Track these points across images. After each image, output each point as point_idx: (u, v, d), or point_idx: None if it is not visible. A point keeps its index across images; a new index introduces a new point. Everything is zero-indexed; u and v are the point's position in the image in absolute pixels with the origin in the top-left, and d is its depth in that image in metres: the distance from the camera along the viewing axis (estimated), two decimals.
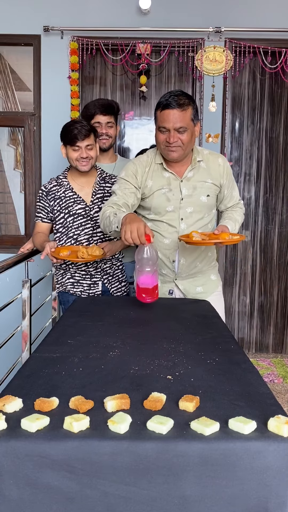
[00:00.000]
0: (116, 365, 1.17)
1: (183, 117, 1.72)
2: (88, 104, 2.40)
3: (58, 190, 2.14)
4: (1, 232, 3.54)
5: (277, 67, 3.19)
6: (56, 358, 1.21)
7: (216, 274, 2.06)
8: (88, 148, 2.06)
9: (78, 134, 2.03)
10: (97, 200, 2.14)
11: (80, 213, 2.12)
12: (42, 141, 3.28)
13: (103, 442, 0.82)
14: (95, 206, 2.13)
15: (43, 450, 0.81)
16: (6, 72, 3.37)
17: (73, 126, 2.06)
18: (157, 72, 3.30)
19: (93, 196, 2.14)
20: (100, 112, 2.34)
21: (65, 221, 2.12)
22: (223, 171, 1.89)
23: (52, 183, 2.18)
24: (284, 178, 3.40)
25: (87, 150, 2.06)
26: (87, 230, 2.13)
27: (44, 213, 2.17)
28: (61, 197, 2.13)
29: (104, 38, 3.13)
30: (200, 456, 0.81)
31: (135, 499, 0.82)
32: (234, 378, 1.09)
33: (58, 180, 2.18)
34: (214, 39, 3.14)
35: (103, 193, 2.16)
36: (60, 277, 2.20)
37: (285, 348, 3.52)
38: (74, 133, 2.03)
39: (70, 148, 2.08)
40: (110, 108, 2.36)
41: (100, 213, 1.81)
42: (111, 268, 2.21)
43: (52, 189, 2.16)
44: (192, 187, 1.84)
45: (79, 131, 2.03)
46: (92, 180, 2.17)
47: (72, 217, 2.11)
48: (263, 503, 0.83)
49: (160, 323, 1.55)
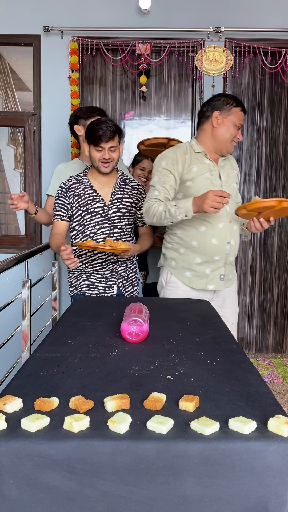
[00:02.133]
0: (116, 365, 1.17)
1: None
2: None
3: (77, 187, 2.12)
4: (1, 232, 3.54)
5: (277, 67, 3.19)
6: (56, 358, 1.21)
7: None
8: (112, 149, 2.03)
9: (103, 135, 1.99)
10: (116, 201, 2.13)
11: (98, 212, 2.10)
12: (42, 141, 3.28)
13: (103, 442, 0.82)
14: (114, 206, 2.12)
15: (43, 450, 0.81)
16: (6, 72, 3.37)
17: (98, 126, 2.01)
18: (157, 72, 3.30)
19: (112, 196, 2.13)
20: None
21: (82, 218, 2.10)
22: (237, 167, 2.19)
23: (72, 180, 2.15)
24: (284, 178, 3.40)
25: (110, 151, 2.03)
26: (103, 230, 2.10)
27: (63, 210, 2.13)
28: (80, 194, 2.11)
29: (104, 38, 3.13)
30: (200, 456, 0.81)
31: (135, 499, 0.82)
32: (234, 378, 1.09)
33: (78, 177, 2.16)
34: (214, 39, 3.14)
35: (122, 195, 2.15)
36: (75, 279, 2.19)
37: (285, 348, 3.52)
38: (99, 134, 1.99)
39: (94, 148, 2.04)
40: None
41: (145, 208, 1.93)
42: (125, 271, 2.20)
43: (72, 186, 2.12)
44: (226, 175, 2.07)
45: (104, 132, 1.99)
46: (113, 180, 2.16)
47: (90, 215, 2.09)
48: (263, 503, 0.83)
49: (160, 323, 1.54)
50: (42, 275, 2.97)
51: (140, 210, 2.19)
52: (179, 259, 2.07)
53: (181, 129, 3.33)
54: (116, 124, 2.06)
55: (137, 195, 2.20)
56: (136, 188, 2.21)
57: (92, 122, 2.08)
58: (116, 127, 2.04)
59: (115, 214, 2.11)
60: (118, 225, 2.12)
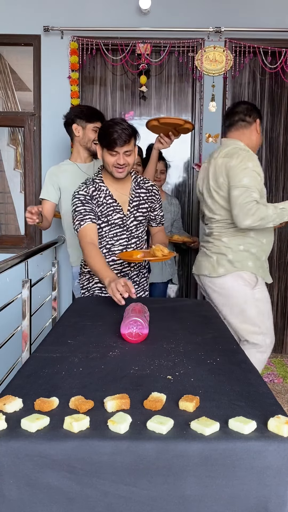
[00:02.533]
0: (116, 365, 1.17)
1: None
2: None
3: (99, 195, 1.96)
4: (1, 232, 3.54)
5: (277, 67, 3.19)
6: (56, 358, 1.21)
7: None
8: (127, 154, 1.88)
9: (118, 139, 1.83)
10: (133, 209, 2.01)
11: (117, 223, 1.98)
12: (42, 141, 3.27)
13: (103, 442, 0.82)
14: (131, 215, 2.00)
15: (43, 450, 0.81)
16: (6, 72, 3.37)
17: (113, 128, 1.84)
18: (157, 72, 3.30)
19: (130, 205, 2.01)
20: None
21: (101, 230, 1.98)
22: None
23: (90, 188, 1.96)
24: (284, 178, 3.40)
25: (125, 156, 1.88)
26: (122, 241, 2.00)
27: (93, 214, 1.94)
28: (103, 203, 1.96)
29: (104, 38, 3.13)
30: (200, 456, 0.81)
31: (135, 499, 0.82)
32: (234, 378, 1.09)
33: (95, 184, 1.98)
34: (214, 39, 3.14)
35: (139, 201, 2.03)
36: (86, 281, 2.12)
37: (285, 348, 3.52)
38: (113, 137, 1.83)
39: (107, 152, 1.88)
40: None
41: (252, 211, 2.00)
42: (138, 277, 2.13)
43: (94, 194, 1.96)
44: None
45: (119, 135, 1.83)
46: (128, 185, 2.02)
47: (109, 227, 1.97)
48: (263, 503, 0.83)
49: (160, 323, 1.54)
50: (42, 275, 2.97)
51: (154, 212, 2.09)
52: (254, 259, 2.19)
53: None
54: (132, 126, 1.90)
55: (152, 197, 2.07)
56: (150, 190, 2.07)
57: (106, 123, 1.93)
58: (132, 130, 1.88)
59: (133, 223, 2.01)
60: (135, 234, 2.03)
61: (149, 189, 2.07)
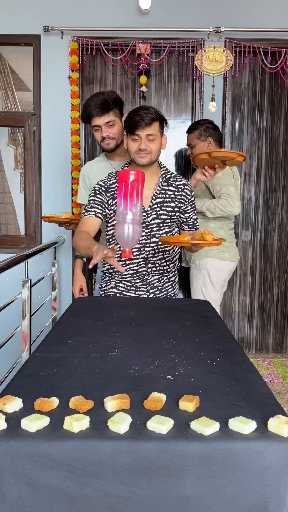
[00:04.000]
0: (116, 365, 1.17)
1: None
2: (85, 104, 2.17)
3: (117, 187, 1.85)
4: (1, 232, 3.54)
5: (277, 67, 3.19)
6: (56, 358, 1.21)
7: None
8: (150, 139, 1.77)
9: (139, 121, 1.73)
10: (156, 206, 1.89)
11: None
12: (42, 141, 3.28)
13: (103, 442, 0.82)
14: (153, 212, 1.89)
15: (43, 450, 0.81)
16: (6, 72, 3.37)
17: (137, 112, 1.76)
18: (157, 72, 3.30)
19: (152, 201, 1.89)
20: (95, 114, 2.09)
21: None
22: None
23: (111, 179, 1.90)
24: (284, 178, 3.40)
25: (147, 141, 1.77)
26: (140, 239, 1.87)
27: (100, 208, 1.87)
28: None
29: (104, 38, 3.13)
30: (200, 456, 0.81)
31: (135, 499, 0.82)
32: (234, 378, 1.09)
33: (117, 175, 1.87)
34: (214, 39, 3.14)
35: (164, 198, 1.91)
36: (104, 283, 2.05)
37: (285, 348, 3.52)
38: (134, 120, 1.74)
39: (130, 138, 1.80)
40: (105, 105, 2.09)
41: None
42: (159, 281, 1.99)
43: (112, 186, 1.88)
44: None
45: (142, 117, 1.73)
46: (155, 179, 1.91)
47: None
48: (263, 503, 0.83)
49: (160, 323, 1.54)
50: (42, 275, 2.97)
51: (186, 214, 1.97)
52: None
53: (181, 129, 3.33)
54: (157, 111, 1.80)
55: (182, 197, 1.94)
56: (181, 189, 1.94)
57: (133, 109, 1.83)
58: (157, 114, 1.78)
59: (154, 221, 1.90)
60: (156, 233, 1.91)
61: (179, 188, 1.93)
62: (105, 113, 2.08)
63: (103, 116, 2.09)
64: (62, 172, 3.28)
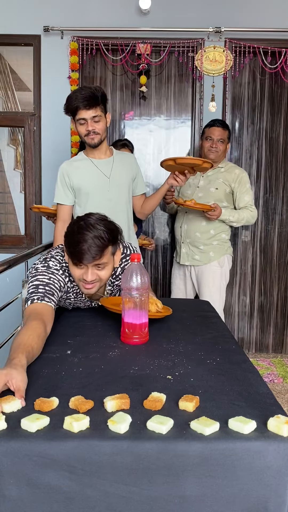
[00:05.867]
0: (116, 365, 1.17)
1: None
2: (70, 96, 2.11)
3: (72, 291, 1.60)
4: (1, 232, 3.54)
5: (277, 67, 3.19)
6: (56, 358, 1.21)
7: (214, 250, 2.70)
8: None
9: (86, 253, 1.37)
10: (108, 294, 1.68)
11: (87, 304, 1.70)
12: (42, 141, 3.28)
13: (103, 442, 0.82)
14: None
15: (43, 450, 0.81)
16: (6, 72, 3.37)
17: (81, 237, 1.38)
18: (157, 72, 3.30)
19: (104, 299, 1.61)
20: (83, 107, 2.05)
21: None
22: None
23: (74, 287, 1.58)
24: (284, 178, 3.40)
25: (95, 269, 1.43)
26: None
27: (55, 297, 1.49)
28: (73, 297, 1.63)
29: (104, 38, 3.13)
30: (200, 456, 0.81)
31: (135, 499, 0.82)
32: (234, 378, 1.09)
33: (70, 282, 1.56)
34: (214, 39, 3.14)
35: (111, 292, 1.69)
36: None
37: (285, 348, 3.52)
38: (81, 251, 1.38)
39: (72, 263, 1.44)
40: (93, 100, 2.05)
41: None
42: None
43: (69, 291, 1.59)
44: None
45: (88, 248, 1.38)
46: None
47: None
48: (263, 503, 0.83)
49: (160, 323, 1.54)
50: None
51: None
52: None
53: (181, 129, 3.33)
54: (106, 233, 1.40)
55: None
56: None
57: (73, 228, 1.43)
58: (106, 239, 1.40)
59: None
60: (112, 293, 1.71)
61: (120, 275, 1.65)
62: (93, 107, 2.07)
63: (91, 110, 2.07)
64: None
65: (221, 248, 2.70)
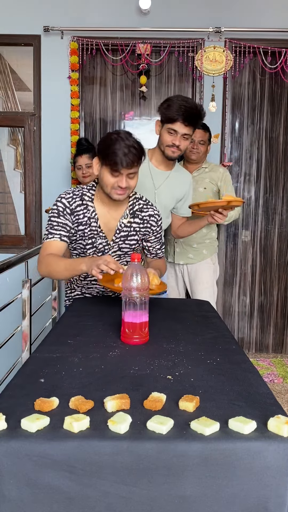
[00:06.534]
0: (116, 365, 1.17)
1: None
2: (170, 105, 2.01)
3: (84, 214, 1.72)
4: (1, 232, 3.54)
5: (277, 67, 3.19)
6: (56, 358, 1.21)
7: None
8: (130, 176, 1.64)
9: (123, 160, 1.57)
10: (118, 240, 1.78)
11: (101, 249, 1.79)
12: (42, 141, 3.28)
13: (103, 442, 0.82)
14: (115, 245, 1.79)
15: (43, 450, 0.81)
16: (6, 72, 3.37)
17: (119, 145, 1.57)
18: (157, 72, 3.30)
19: (117, 234, 1.77)
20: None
21: (85, 250, 1.79)
22: None
23: (76, 201, 1.72)
24: (284, 178, 3.40)
25: (128, 178, 1.63)
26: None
27: (65, 231, 1.71)
28: (86, 223, 1.73)
29: (104, 38, 3.13)
30: (200, 456, 0.81)
31: (135, 499, 0.82)
32: (234, 378, 1.09)
33: (82, 200, 1.73)
34: (214, 39, 3.14)
35: (128, 232, 1.79)
36: (69, 290, 1.99)
37: (285, 348, 3.52)
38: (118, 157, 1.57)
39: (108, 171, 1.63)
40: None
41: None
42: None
43: (77, 210, 1.72)
44: None
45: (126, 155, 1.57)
46: (121, 211, 1.78)
47: (94, 249, 1.78)
48: (263, 503, 0.83)
49: (160, 323, 1.54)
50: None
51: (148, 243, 1.89)
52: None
53: None
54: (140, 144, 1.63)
55: (147, 229, 1.83)
56: (147, 220, 1.82)
57: (109, 136, 1.62)
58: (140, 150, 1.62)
59: (116, 253, 1.82)
60: (119, 260, 1.84)
61: (145, 220, 1.82)
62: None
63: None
64: (62, 172, 3.28)
65: (212, 246, 2.80)
